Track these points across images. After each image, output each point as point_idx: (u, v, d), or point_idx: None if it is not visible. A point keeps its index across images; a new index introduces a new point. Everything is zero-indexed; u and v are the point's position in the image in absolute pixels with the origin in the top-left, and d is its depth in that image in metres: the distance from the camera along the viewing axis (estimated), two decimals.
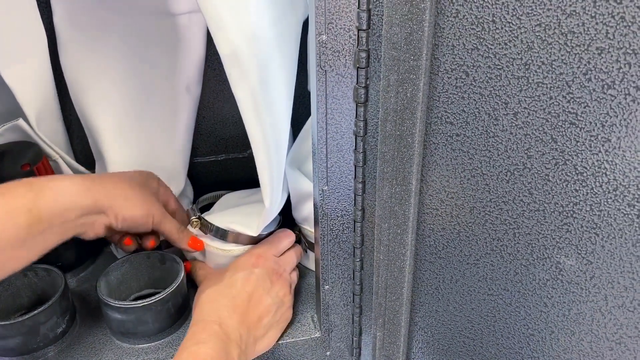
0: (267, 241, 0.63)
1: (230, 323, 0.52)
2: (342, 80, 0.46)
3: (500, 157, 0.43)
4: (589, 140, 0.38)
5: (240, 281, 0.57)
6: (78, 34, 0.62)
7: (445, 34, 0.41)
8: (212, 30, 0.47)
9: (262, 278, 0.58)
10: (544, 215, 0.42)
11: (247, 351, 0.54)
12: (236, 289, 0.56)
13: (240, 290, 0.56)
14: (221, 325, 0.51)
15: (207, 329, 0.51)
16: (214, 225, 0.62)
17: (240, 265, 0.59)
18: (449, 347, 0.56)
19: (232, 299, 0.55)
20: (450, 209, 0.48)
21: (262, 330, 0.56)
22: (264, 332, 0.57)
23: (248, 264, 0.59)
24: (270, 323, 0.57)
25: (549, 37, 0.37)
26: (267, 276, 0.58)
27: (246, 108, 0.51)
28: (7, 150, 0.61)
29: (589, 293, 0.42)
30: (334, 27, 0.44)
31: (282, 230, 0.65)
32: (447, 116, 0.44)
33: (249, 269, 0.58)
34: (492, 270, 0.48)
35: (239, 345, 0.52)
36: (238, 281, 0.57)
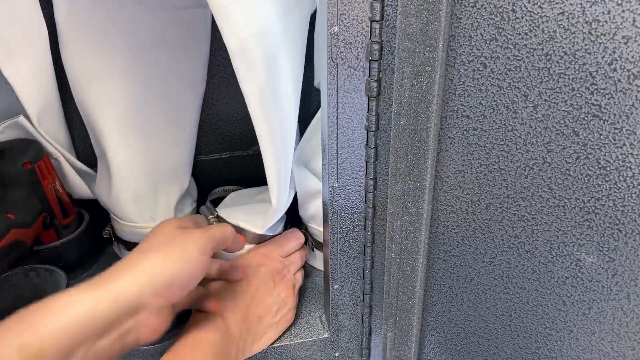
0: (274, 241, 0.62)
1: (232, 318, 0.52)
2: (354, 73, 0.45)
3: (519, 151, 0.41)
4: (612, 133, 0.36)
5: (244, 280, 0.56)
6: (80, 29, 0.61)
7: (463, 25, 0.40)
8: (220, 24, 0.46)
9: (266, 278, 0.57)
10: (564, 211, 0.41)
11: (245, 350, 0.53)
12: (240, 287, 0.55)
13: (244, 288, 0.55)
14: (224, 319, 0.51)
15: (210, 319, 0.50)
16: (230, 223, 0.60)
17: (246, 263, 0.58)
18: (462, 347, 0.54)
19: (235, 296, 0.54)
20: (466, 206, 0.47)
21: (262, 330, 0.55)
22: (263, 332, 0.56)
23: (253, 262, 0.58)
24: (269, 323, 0.56)
25: (572, 26, 0.35)
26: (270, 276, 0.57)
27: (253, 103, 0.50)
28: (8, 148, 0.60)
29: (611, 291, 0.41)
30: (346, 18, 0.42)
31: (292, 231, 0.64)
32: (464, 109, 0.43)
33: (253, 267, 0.57)
34: (508, 269, 0.46)
35: (238, 343, 0.51)
36: (242, 278, 0.56)
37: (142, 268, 0.42)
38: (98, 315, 0.38)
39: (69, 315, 0.38)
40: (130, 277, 0.41)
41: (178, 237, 0.46)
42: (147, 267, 0.42)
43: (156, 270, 0.42)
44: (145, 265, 0.42)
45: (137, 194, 0.65)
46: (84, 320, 0.38)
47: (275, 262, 0.59)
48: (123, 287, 0.40)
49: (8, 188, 0.59)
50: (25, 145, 0.61)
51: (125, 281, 0.41)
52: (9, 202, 0.59)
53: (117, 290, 0.40)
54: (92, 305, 0.39)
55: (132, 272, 0.42)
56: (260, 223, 0.61)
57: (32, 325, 0.37)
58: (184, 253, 0.44)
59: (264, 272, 0.57)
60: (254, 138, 0.75)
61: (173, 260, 0.43)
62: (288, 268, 0.61)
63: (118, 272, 0.42)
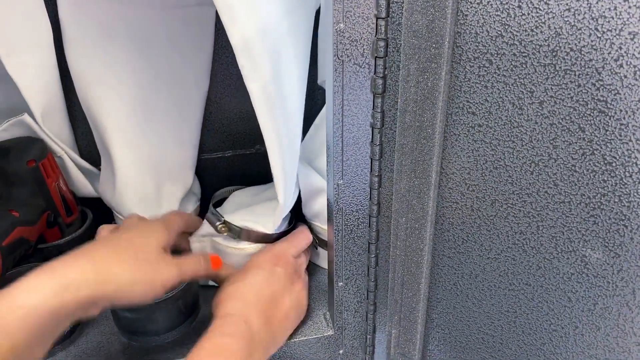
0: (286, 240, 0.61)
1: (256, 323, 0.51)
2: (360, 71, 0.45)
3: (525, 147, 0.41)
4: (618, 129, 0.37)
5: (263, 281, 0.55)
6: (84, 28, 0.61)
7: (469, 21, 0.40)
8: (224, 21, 0.46)
9: (283, 278, 0.56)
10: (569, 207, 0.41)
11: (267, 352, 0.53)
12: (260, 289, 0.54)
13: (265, 291, 0.54)
14: (247, 323, 0.50)
15: (233, 323, 0.50)
16: (238, 227, 0.60)
17: (261, 264, 0.57)
18: (466, 344, 0.54)
19: (257, 299, 0.53)
20: (471, 202, 0.47)
21: (282, 330, 0.55)
22: (283, 331, 0.56)
23: (269, 263, 0.57)
24: (289, 323, 0.56)
25: (578, 22, 0.35)
26: (287, 276, 0.57)
27: (258, 100, 0.50)
28: (13, 145, 0.60)
29: (616, 287, 0.41)
30: (352, 15, 0.42)
31: (301, 231, 0.64)
32: (469, 106, 0.43)
33: (270, 268, 0.57)
34: (513, 265, 0.47)
35: (262, 347, 0.50)
36: (261, 281, 0.55)
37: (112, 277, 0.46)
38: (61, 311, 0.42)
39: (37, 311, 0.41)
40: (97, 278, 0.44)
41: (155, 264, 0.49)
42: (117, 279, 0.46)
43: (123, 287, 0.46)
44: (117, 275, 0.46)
45: (141, 192, 0.65)
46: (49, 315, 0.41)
47: (290, 262, 0.59)
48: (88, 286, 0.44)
49: (12, 186, 0.59)
50: (29, 143, 0.61)
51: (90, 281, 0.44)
52: (13, 200, 0.59)
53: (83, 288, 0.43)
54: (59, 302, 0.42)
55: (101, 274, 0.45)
56: (268, 223, 0.61)
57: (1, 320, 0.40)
58: (153, 284, 0.48)
59: (280, 273, 0.57)
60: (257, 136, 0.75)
61: (141, 285, 0.47)
62: (300, 268, 0.61)
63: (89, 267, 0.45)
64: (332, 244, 0.54)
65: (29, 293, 0.41)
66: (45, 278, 0.42)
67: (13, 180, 0.59)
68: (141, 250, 0.49)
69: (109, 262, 0.46)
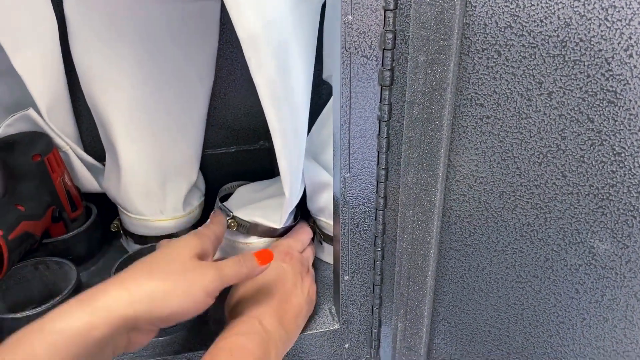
0: (290, 237, 0.62)
1: (271, 322, 0.51)
2: (367, 63, 0.45)
3: (533, 139, 0.42)
4: (628, 119, 0.37)
5: (273, 280, 0.55)
6: (89, 23, 0.61)
7: (477, 12, 0.40)
8: (231, 14, 0.46)
9: (292, 275, 0.56)
10: (577, 198, 0.41)
11: (283, 349, 0.52)
12: (271, 288, 0.54)
13: (275, 289, 0.54)
14: (262, 323, 0.50)
15: (248, 323, 0.49)
16: (247, 222, 0.60)
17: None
18: (473, 337, 0.54)
19: (270, 299, 0.53)
20: (479, 194, 0.47)
21: (296, 327, 0.55)
22: (297, 328, 0.55)
23: (277, 261, 0.57)
24: (301, 319, 0.56)
25: (588, 13, 0.35)
26: (297, 273, 0.57)
27: (265, 94, 0.50)
28: (18, 140, 0.60)
29: (624, 278, 0.41)
30: (360, 7, 0.42)
31: (301, 226, 0.64)
32: (478, 98, 0.43)
33: (278, 266, 0.56)
34: (521, 257, 0.47)
35: (277, 346, 0.50)
36: (271, 280, 0.55)
37: (143, 293, 0.42)
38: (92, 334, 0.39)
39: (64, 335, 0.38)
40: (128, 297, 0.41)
41: (190, 272, 0.45)
42: (148, 294, 0.42)
43: (157, 301, 0.42)
44: (148, 290, 0.42)
45: (146, 187, 0.65)
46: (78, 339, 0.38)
47: (298, 258, 0.59)
48: (119, 307, 0.40)
49: (18, 180, 0.59)
50: (35, 138, 0.61)
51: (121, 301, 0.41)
52: (18, 194, 0.59)
53: (113, 309, 0.40)
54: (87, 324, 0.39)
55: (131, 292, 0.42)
56: (275, 217, 0.61)
57: (29, 347, 0.37)
58: (190, 292, 0.44)
59: (289, 270, 0.57)
60: (262, 132, 0.76)
61: (177, 295, 0.43)
62: (307, 263, 0.61)
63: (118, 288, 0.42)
64: (338, 237, 0.54)
65: (56, 318, 0.39)
66: (75, 303, 0.40)
67: (18, 174, 0.59)
68: (173, 261, 0.46)
69: (139, 280, 0.43)
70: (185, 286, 0.44)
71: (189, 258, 0.46)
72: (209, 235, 0.52)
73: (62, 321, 0.39)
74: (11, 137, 0.60)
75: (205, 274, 0.45)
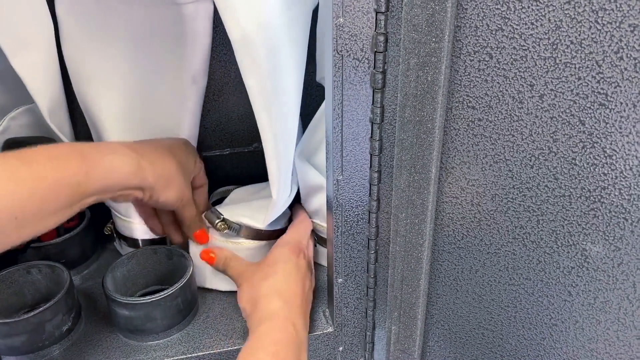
0: (295, 230, 0.62)
1: (300, 322, 0.52)
2: (359, 65, 0.45)
3: (525, 141, 0.41)
4: (619, 122, 0.37)
5: (294, 274, 0.55)
6: (80, 24, 0.61)
7: (469, 15, 0.40)
8: (223, 16, 0.46)
9: (306, 270, 0.58)
10: (569, 200, 0.41)
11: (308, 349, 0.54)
12: (296, 286, 0.55)
13: (299, 287, 0.55)
14: (294, 326, 0.51)
15: (283, 329, 0.50)
16: (237, 223, 0.60)
17: (287, 256, 0.57)
18: (466, 339, 0.54)
19: (296, 297, 0.54)
20: (471, 197, 0.47)
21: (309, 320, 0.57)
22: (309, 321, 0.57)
23: (293, 255, 0.58)
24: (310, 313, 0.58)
25: (578, 15, 0.35)
26: (309, 267, 0.58)
27: (256, 95, 0.50)
28: (24, 141, 0.61)
29: (617, 280, 0.41)
30: (351, 9, 0.42)
31: (301, 218, 0.64)
32: (469, 100, 0.43)
33: (295, 261, 0.57)
34: (514, 259, 0.47)
35: (306, 347, 0.52)
36: (292, 274, 0.55)
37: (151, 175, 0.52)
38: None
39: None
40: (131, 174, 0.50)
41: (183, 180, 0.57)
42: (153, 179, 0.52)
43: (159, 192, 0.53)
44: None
45: None
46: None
47: (306, 252, 0.60)
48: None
49: None
50: (41, 139, 0.62)
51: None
52: None
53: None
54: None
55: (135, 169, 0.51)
56: (262, 218, 0.61)
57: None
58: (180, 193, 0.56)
59: (303, 266, 0.58)
60: (256, 134, 0.75)
61: (171, 193, 0.55)
62: (309, 254, 0.62)
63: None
64: (332, 240, 0.54)
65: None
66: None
67: None
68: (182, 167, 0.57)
69: (156, 163, 0.53)
70: (179, 189, 0.56)
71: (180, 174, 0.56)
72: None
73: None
74: (19, 139, 0.61)
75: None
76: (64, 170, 0.45)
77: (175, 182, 0.56)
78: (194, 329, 0.59)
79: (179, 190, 0.56)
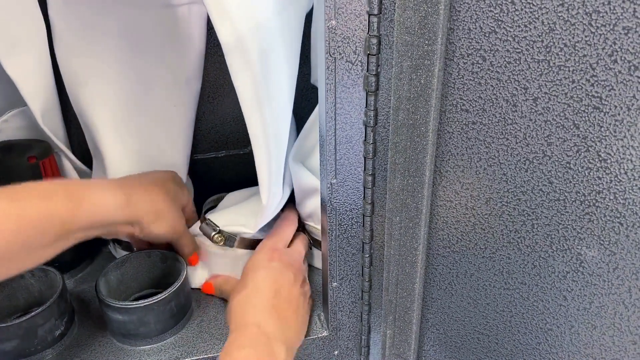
0: (272, 234, 0.61)
1: (268, 323, 0.51)
2: (352, 68, 0.44)
3: (519, 145, 0.41)
4: (613, 125, 0.36)
5: (263, 280, 0.55)
6: (74, 27, 0.60)
7: (462, 17, 0.39)
8: (214, 18, 0.46)
9: (282, 271, 0.57)
10: (564, 204, 0.41)
11: (294, 346, 0.53)
12: (264, 289, 0.54)
13: (268, 289, 0.54)
14: (259, 327, 0.50)
15: (246, 332, 0.50)
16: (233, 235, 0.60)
17: (257, 263, 0.57)
18: (462, 344, 0.54)
19: (264, 300, 0.53)
20: (465, 201, 0.46)
21: (299, 323, 0.56)
22: (301, 323, 0.56)
23: (264, 260, 0.57)
24: (303, 314, 0.57)
25: (572, 18, 0.35)
26: (286, 269, 0.57)
27: (246, 99, 0.49)
28: (17, 144, 0.61)
29: (612, 285, 0.41)
30: (343, 12, 0.42)
31: (283, 219, 0.64)
32: (463, 103, 0.42)
33: (266, 265, 0.57)
34: (508, 264, 0.46)
35: (284, 342, 0.51)
36: (260, 280, 0.55)
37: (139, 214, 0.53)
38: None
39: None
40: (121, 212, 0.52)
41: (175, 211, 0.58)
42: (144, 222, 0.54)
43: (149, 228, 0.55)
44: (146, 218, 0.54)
45: None
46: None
47: (285, 254, 0.59)
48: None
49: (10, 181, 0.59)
50: (35, 143, 0.61)
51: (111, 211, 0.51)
52: None
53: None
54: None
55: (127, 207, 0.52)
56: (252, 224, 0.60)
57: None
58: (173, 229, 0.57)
59: (278, 268, 0.57)
60: None
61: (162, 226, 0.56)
62: (297, 258, 0.61)
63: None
64: (326, 243, 0.53)
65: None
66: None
67: (12, 175, 0.59)
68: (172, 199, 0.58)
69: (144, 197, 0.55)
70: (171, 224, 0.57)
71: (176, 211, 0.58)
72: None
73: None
74: (13, 141, 0.61)
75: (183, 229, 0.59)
76: (50, 208, 0.45)
77: (166, 215, 0.56)
78: (187, 333, 0.59)
79: (170, 222, 0.57)
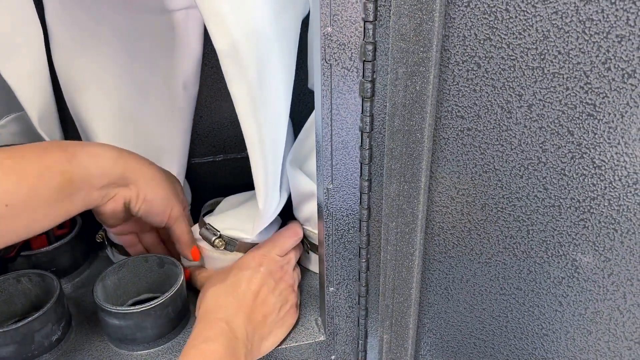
0: (270, 240, 0.61)
1: (236, 321, 0.52)
2: (348, 74, 0.44)
3: (514, 151, 0.41)
4: (607, 132, 0.36)
5: (245, 280, 0.56)
6: (70, 31, 0.60)
7: (456, 24, 0.40)
8: (209, 25, 0.46)
9: (267, 277, 0.57)
10: (559, 211, 0.41)
11: (253, 350, 0.53)
12: (241, 288, 0.55)
13: (246, 289, 0.55)
14: (228, 323, 0.51)
15: (214, 326, 0.50)
16: (234, 240, 0.61)
17: (245, 264, 0.58)
18: (458, 349, 0.54)
19: (238, 298, 0.54)
20: (461, 207, 0.46)
21: (267, 328, 0.56)
22: (269, 330, 0.56)
23: (253, 263, 0.58)
24: (274, 321, 0.56)
25: (565, 25, 0.35)
26: (271, 275, 0.58)
27: (242, 105, 0.49)
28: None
29: (607, 291, 0.41)
30: (339, 18, 0.42)
31: (288, 228, 0.64)
32: (458, 110, 0.43)
33: (253, 267, 0.57)
34: (504, 269, 0.46)
35: (246, 344, 0.51)
36: (243, 280, 0.56)
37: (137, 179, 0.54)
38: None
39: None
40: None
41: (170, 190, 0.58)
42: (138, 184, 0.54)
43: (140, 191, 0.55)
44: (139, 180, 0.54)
45: None
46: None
47: (275, 261, 0.60)
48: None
49: None
50: None
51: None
52: None
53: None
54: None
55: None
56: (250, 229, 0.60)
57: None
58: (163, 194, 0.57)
59: (264, 272, 0.57)
60: None
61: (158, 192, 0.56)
62: (287, 266, 0.61)
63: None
64: (323, 249, 0.53)
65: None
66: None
67: None
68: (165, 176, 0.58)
69: (135, 157, 0.56)
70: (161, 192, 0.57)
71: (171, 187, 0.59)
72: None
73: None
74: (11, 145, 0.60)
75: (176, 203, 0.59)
76: (47, 159, 0.47)
77: (161, 184, 0.56)
78: (185, 338, 0.59)
79: (165, 193, 0.57)
